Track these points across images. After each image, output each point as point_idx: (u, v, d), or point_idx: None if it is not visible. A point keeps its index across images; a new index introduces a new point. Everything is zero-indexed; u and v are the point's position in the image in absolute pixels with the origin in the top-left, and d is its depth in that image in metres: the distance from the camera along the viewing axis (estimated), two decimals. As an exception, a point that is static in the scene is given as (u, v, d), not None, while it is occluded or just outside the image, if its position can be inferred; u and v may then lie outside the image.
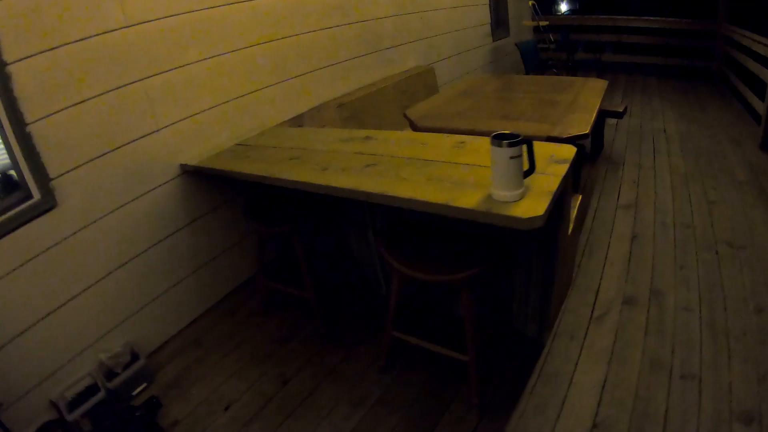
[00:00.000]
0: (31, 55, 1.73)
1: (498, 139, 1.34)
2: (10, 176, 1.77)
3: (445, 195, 1.46)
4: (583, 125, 2.37)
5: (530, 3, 6.10)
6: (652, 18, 6.29)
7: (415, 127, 2.73)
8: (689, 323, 2.05)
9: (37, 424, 1.82)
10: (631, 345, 1.98)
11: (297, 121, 2.81)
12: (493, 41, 5.84)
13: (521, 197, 1.38)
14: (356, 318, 2.39)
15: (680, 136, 4.20)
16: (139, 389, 2.08)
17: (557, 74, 5.89)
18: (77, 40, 1.84)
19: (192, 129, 2.31)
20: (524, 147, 1.37)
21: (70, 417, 1.85)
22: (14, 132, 1.71)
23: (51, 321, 1.89)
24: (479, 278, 1.59)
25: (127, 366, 2.09)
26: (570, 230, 2.07)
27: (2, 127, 1.69)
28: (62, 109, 1.83)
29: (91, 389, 1.98)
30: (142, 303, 2.22)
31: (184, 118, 2.27)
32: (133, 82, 2.04)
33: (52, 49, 1.78)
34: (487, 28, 5.67)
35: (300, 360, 2.17)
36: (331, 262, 2.68)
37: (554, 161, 1.60)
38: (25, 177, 1.77)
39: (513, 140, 1.33)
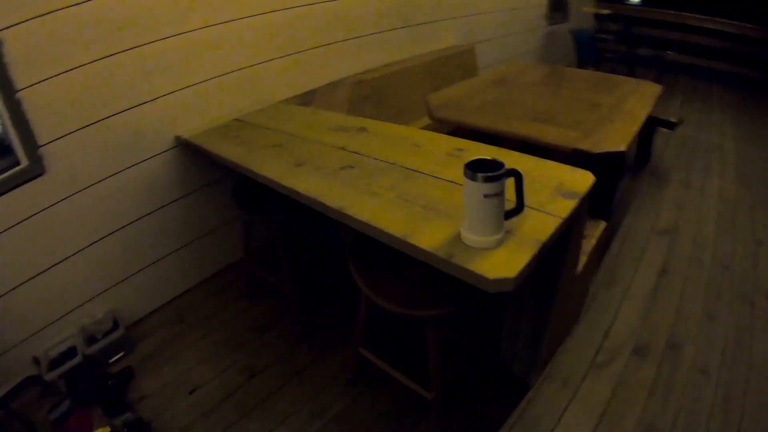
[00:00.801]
0: (23, 21, 1.68)
1: (472, 169, 1.11)
2: (2, 141, 1.77)
3: (405, 225, 1.27)
4: (619, 140, 2.06)
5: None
6: (725, 21, 5.44)
7: (431, 116, 2.50)
8: (702, 389, 1.78)
9: (20, 378, 1.90)
10: (629, 403, 1.75)
11: (308, 97, 2.66)
12: (549, 25, 5.30)
13: (498, 244, 1.16)
14: (335, 319, 2.30)
15: (737, 157, 3.69)
16: (116, 357, 2.13)
17: (613, 69, 5.30)
18: (70, 5, 1.77)
19: (190, 100, 2.23)
20: (511, 179, 1.15)
21: (47, 376, 1.92)
22: (4, 98, 1.69)
23: (37, 283, 1.94)
24: (450, 317, 1.42)
25: (107, 333, 2.13)
26: (582, 266, 1.83)
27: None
28: (53, 76, 1.79)
29: (72, 352, 2.04)
30: (129, 272, 2.24)
31: (182, 88, 2.19)
32: (128, 50, 1.96)
33: (44, 14, 1.72)
34: (543, 10, 5.15)
35: (272, 355, 2.12)
36: (318, 255, 2.57)
37: (561, 193, 1.37)
38: (13, 143, 1.77)
39: (492, 174, 1.08)
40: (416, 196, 1.42)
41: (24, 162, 1.79)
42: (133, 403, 1.95)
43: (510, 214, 1.20)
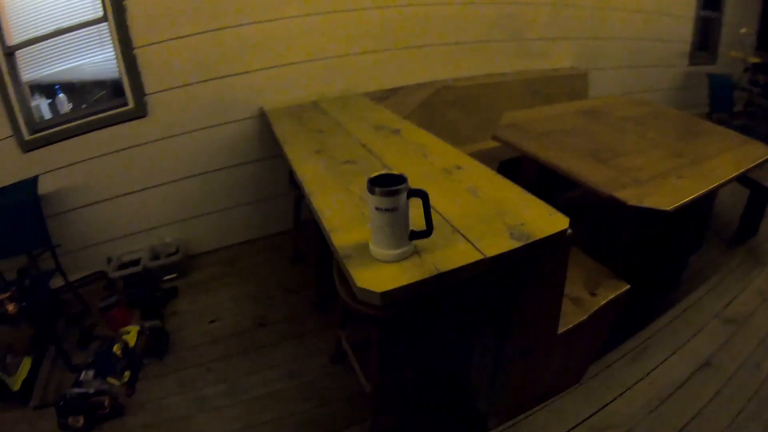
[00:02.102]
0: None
1: (372, 182, 1.09)
2: (117, 84, 2.27)
3: (344, 223, 1.31)
4: (669, 199, 1.74)
5: (743, 31, 4.36)
6: None
7: (493, 135, 2.39)
8: None
9: (92, 270, 2.45)
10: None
11: (390, 94, 2.73)
12: (689, 64, 4.40)
13: (395, 259, 1.15)
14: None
15: None
16: (169, 277, 2.58)
17: (746, 125, 4.19)
18: (183, -17, 2.17)
19: (278, 78, 2.52)
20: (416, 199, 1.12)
21: (112, 274, 2.43)
22: (123, 52, 2.17)
23: (128, 200, 2.47)
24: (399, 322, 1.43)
25: (169, 256, 2.58)
26: (572, 325, 1.63)
27: (114, 47, 2.15)
28: (165, 40, 2.23)
29: (137, 262, 2.53)
30: (201, 212, 2.66)
31: (273, 67, 2.49)
32: (229, 27, 2.32)
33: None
34: (685, 47, 4.30)
35: (285, 314, 2.33)
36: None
37: (511, 232, 1.26)
38: (125, 88, 2.25)
39: (384, 189, 1.06)
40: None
41: (131, 104, 2.28)
42: (165, 315, 2.36)
43: (416, 235, 1.17)
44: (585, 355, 1.90)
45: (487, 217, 1.33)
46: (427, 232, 1.17)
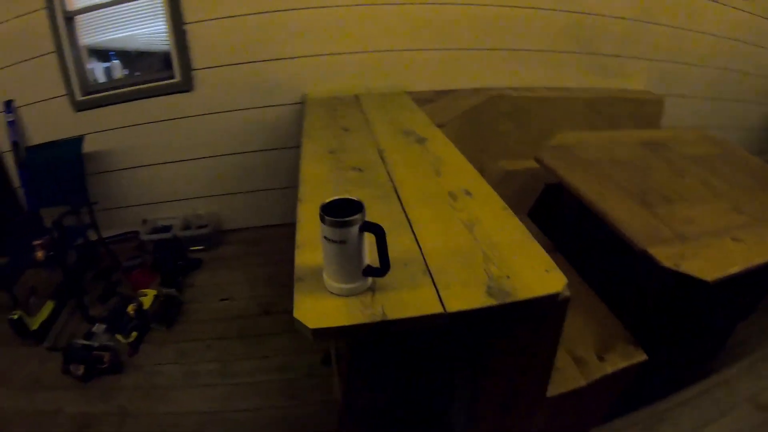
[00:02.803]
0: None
1: (324, 209, 0.98)
2: (166, 57, 2.33)
3: (315, 237, 1.25)
4: (715, 265, 1.44)
5: None
6: None
7: (537, 156, 2.15)
8: None
9: (127, 229, 2.59)
10: None
11: (437, 96, 2.55)
12: None
13: (344, 294, 1.03)
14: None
15: None
16: (196, 248, 2.66)
17: None
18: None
19: (324, 67, 2.46)
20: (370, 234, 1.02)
21: (143, 236, 2.55)
22: (174, 27, 2.22)
23: (169, 168, 2.58)
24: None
25: (199, 228, 2.66)
26: (568, 389, 1.44)
27: (166, 21, 2.21)
28: (216, 19, 2.26)
29: (168, 228, 2.63)
30: (236, 190, 2.71)
31: (320, 55, 2.43)
32: (280, 11, 2.29)
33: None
34: None
35: (291, 306, 2.32)
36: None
37: (489, 286, 1.09)
38: (173, 62, 2.30)
39: (330, 218, 0.95)
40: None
41: (177, 77, 2.35)
42: (183, 285, 2.44)
43: (370, 272, 1.06)
44: (582, 424, 1.69)
45: (472, 260, 1.17)
46: (382, 270, 1.05)
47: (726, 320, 2.00)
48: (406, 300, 1.04)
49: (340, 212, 0.99)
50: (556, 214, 2.36)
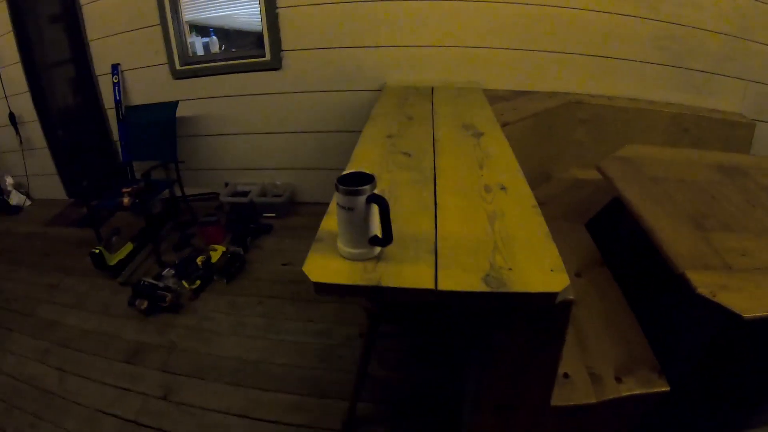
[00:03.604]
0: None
1: (341, 180, 1.09)
2: (259, 37, 2.55)
3: None
4: (758, 302, 1.29)
5: None
6: None
7: (598, 165, 2.04)
8: None
9: (209, 189, 2.88)
10: None
11: (513, 96, 2.51)
12: None
13: (352, 258, 1.12)
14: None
15: None
16: (269, 215, 2.88)
17: None
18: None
19: (405, 58, 2.54)
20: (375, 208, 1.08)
21: (222, 198, 2.81)
22: (267, 10, 2.43)
23: (250, 138, 2.84)
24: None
25: (275, 196, 2.88)
26: (580, 404, 1.38)
27: (260, 5, 2.43)
28: (305, 5, 2.43)
29: (246, 194, 2.86)
30: (313, 166, 2.90)
31: (402, 46, 2.52)
32: (363, 1, 2.40)
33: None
34: None
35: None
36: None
37: (486, 276, 1.10)
38: (264, 42, 2.51)
39: (343, 187, 1.03)
40: (392, 200, 1.40)
41: (268, 56, 2.56)
42: (251, 246, 2.67)
43: (375, 241, 1.12)
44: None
45: (482, 249, 1.17)
46: (384, 240, 1.11)
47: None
48: (404, 272, 1.09)
49: (355, 184, 1.07)
50: (615, 228, 2.24)
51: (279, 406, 1.82)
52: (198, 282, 2.39)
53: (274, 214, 2.88)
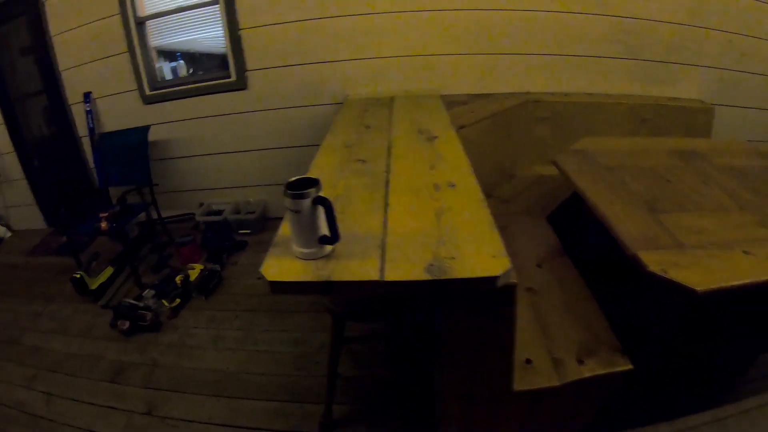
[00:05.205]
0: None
1: (288, 185, 1.16)
2: (223, 58, 2.64)
3: None
4: (712, 276, 1.35)
5: None
6: None
7: (554, 159, 2.12)
8: None
9: (185, 210, 2.94)
10: None
11: (471, 99, 2.60)
12: None
13: (303, 258, 1.18)
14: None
15: None
16: (243, 231, 2.94)
17: None
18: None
19: (366, 70, 2.64)
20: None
21: (198, 217, 2.87)
22: (230, 32, 2.52)
23: (221, 158, 2.92)
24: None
25: (248, 213, 2.94)
26: (542, 387, 1.44)
27: (223, 28, 2.52)
28: (268, 25, 2.53)
29: (220, 212, 2.93)
30: (285, 181, 2.92)
31: (362, 58, 2.62)
32: (324, 18, 2.50)
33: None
34: None
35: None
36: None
37: (430, 264, 1.18)
38: (229, 63, 2.60)
39: (290, 191, 1.13)
40: (346, 204, 1.48)
41: (233, 77, 2.64)
42: (227, 262, 2.72)
43: (324, 240, 1.19)
44: (558, 428, 1.67)
45: (427, 243, 1.25)
46: (332, 239, 1.19)
47: (745, 346, 1.85)
48: (353, 267, 1.16)
49: (302, 188, 1.15)
50: (576, 219, 2.32)
51: (260, 413, 1.88)
52: (177, 300, 2.44)
53: (248, 231, 2.94)
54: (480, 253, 1.21)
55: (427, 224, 1.35)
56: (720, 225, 1.66)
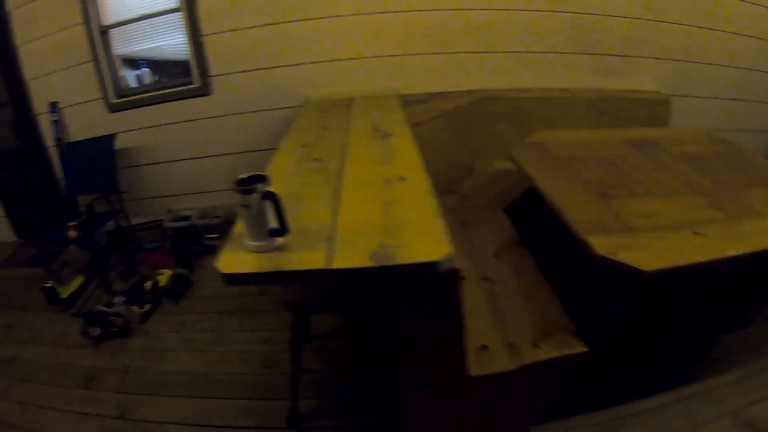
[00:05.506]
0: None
1: (239, 181, 1.20)
2: (186, 65, 2.68)
3: None
4: (660, 257, 1.43)
5: None
6: None
7: (509, 153, 2.19)
8: None
9: (153, 217, 2.95)
10: None
11: (429, 98, 2.68)
12: None
13: (257, 250, 1.24)
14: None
15: None
16: (211, 236, 2.97)
17: None
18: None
19: (326, 72, 2.70)
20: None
21: (166, 224, 2.89)
22: (193, 38, 2.56)
23: (187, 163, 2.94)
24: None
25: (215, 218, 2.97)
26: (498, 372, 1.49)
27: (186, 34, 2.56)
28: (229, 30, 2.57)
29: (187, 218, 2.96)
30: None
31: (322, 61, 2.68)
32: (285, 22, 2.56)
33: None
34: None
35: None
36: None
37: (374, 254, 1.23)
38: (192, 69, 2.64)
39: (239, 187, 1.18)
40: (300, 201, 1.53)
41: (197, 83, 2.68)
42: (195, 267, 2.75)
43: (274, 233, 1.24)
44: (523, 416, 1.72)
45: (375, 233, 1.32)
46: (281, 231, 1.25)
47: (705, 326, 1.93)
48: (302, 257, 1.22)
49: (251, 184, 1.21)
50: (533, 210, 2.40)
51: (230, 412, 1.92)
52: (147, 306, 2.45)
53: (216, 235, 2.97)
54: (423, 240, 1.28)
55: (375, 216, 1.42)
56: (671, 208, 1.73)
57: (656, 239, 1.52)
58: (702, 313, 1.99)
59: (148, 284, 2.54)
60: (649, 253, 1.44)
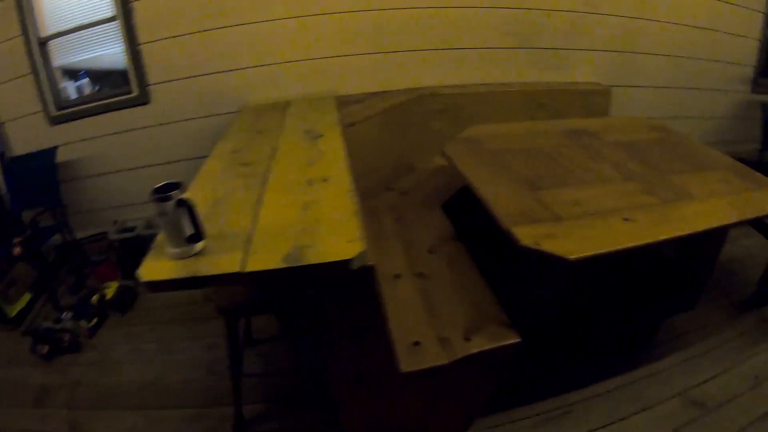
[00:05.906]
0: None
1: (155, 190, 1.25)
2: (124, 74, 2.67)
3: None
4: (586, 244, 1.49)
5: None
6: None
7: (443, 150, 2.25)
8: None
9: (100, 230, 2.94)
10: None
11: (366, 98, 2.73)
12: (752, 92, 3.52)
13: (175, 258, 1.26)
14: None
15: None
16: (161, 245, 2.94)
17: None
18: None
19: (265, 76, 2.72)
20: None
21: (111, 236, 2.87)
22: (129, 48, 2.55)
23: (130, 174, 2.92)
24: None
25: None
26: (431, 366, 1.51)
27: (123, 43, 2.55)
28: (166, 38, 2.57)
29: (133, 229, 2.93)
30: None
31: (261, 65, 2.70)
32: (221, 28, 2.58)
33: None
34: (746, 71, 3.45)
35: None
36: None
37: (287, 256, 1.26)
38: (130, 78, 2.63)
39: (161, 195, 1.23)
40: (223, 206, 1.57)
41: (135, 92, 2.67)
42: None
43: (191, 239, 1.27)
44: (464, 410, 1.76)
45: (290, 234, 1.36)
46: (196, 237, 1.28)
47: (645, 310, 2.00)
48: (219, 261, 1.26)
49: (169, 192, 1.24)
50: (468, 205, 2.47)
51: (178, 419, 1.94)
52: (95, 320, 2.44)
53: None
54: (337, 239, 1.33)
55: (293, 217, 1.46)
56: (601, 196, 1.77)
57: (584, 227, 1.56)
58: (641, 298, 2.06)
59: (94, 298, 2.53)
60: (574, 241, 1.48)
